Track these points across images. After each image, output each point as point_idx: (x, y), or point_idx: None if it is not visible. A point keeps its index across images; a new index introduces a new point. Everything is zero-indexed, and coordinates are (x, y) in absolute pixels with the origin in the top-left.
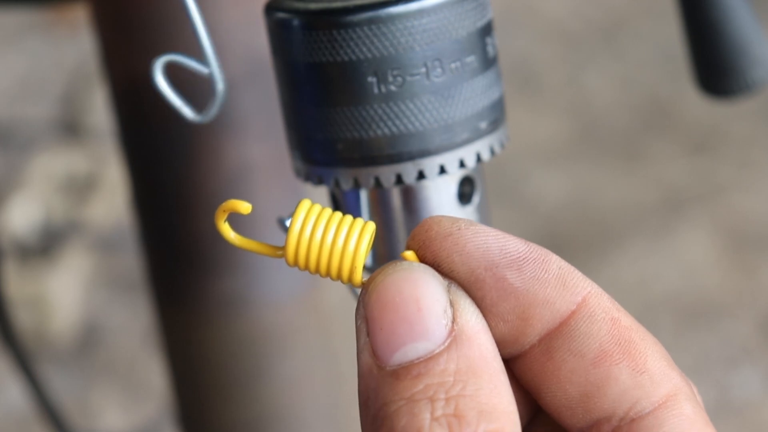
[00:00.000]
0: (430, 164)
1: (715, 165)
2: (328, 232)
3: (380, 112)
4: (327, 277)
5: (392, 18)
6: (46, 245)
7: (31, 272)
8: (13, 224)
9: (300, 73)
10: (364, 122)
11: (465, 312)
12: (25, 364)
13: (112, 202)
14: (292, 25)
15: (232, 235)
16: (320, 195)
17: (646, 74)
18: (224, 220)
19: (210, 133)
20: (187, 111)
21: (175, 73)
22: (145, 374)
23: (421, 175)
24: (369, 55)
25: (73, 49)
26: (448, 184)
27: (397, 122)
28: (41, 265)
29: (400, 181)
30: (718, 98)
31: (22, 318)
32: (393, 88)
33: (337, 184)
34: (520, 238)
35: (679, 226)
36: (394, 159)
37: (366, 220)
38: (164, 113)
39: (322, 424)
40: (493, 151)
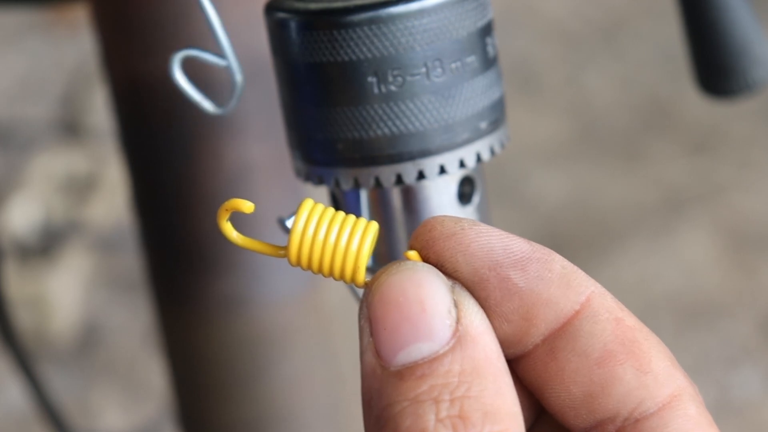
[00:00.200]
0: (431, 164)
1: (715, 165)
2: (331, 231)
3: (380, 112)
4: (329, 277)
5: (392, 18)
6: (46, 245)
7: (31, 272)
8: (13, 224)
9: (300, 73)
10: (365, 122)
11: (469, 312)
12: (25, 364)
13: (112, 202)
14: (292, 25)
15: (234, 235)
16: (320, 195)
17: (646, 74)
18: (226, 220)
19: (210, 133)
20: (207, 104)
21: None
22: (145, 374)
23: (421, 175)
24: (369, 55)
25: (73, 49)
26: (448, 184)
27: (398, 122)
28: (41, 265)
29: (400, 181)
30: (718, 98)
31: (22, 318)
32: (393, 88)
33: (338, 184)
34: (524, 238)
35: (679, 226)
36: (395, 159)
37: (369, 220)
38: (164, 113)
39: (322, 424)
40: (493, 151)
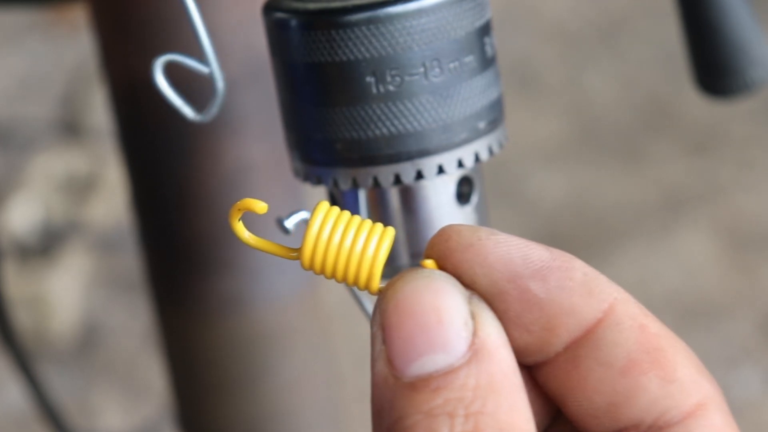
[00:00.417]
0: (429, 164)
1: (715, 165)
2: (347, 235)
3: (379, 112)
4: (342, 282)
5: (391, 18)
6: (46, 245)
7: (31, 272)
8: (13, 224)
9: (298, 73)
10: (363, 122)
11: (486, 325)
12: (25, 364)
13: (112, 202)
14: (290, 25)
15: (246, 235)
16: (320, 195)
17: (646, 74)
18: (238, 220)
19: (210, 133)
20: (187, 110)
21: (173, 73)
22: (145, 374)
23: (419, 175)
24: (367, 55)
25: (73, 49)
26: (447, 184)
27: (396, 122)
28: (41, 265)
29: (398, 181)
30: (717, 98)
31: (22, 318)
32: (391, 88)
33: (336, 184)
34: (543, 245)
35: (679, 226)
36: (393, 159)
37: (385, 226)
38: (164, 113)
39: (322, 424)
40: (491, 151)
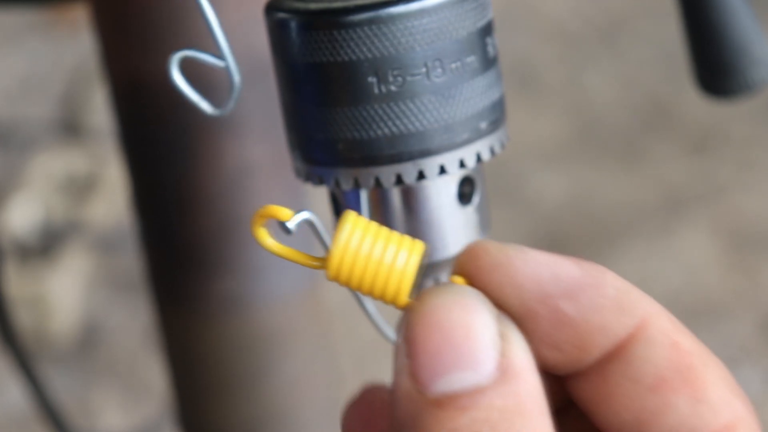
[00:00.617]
0: (431, 164)
1: (715, 165)
2: (376, 247)
3: (380, 112)
4: (368, 295)
5: (393, 18)
6: (46, 245)
7: (31, 272)
8: (13, 224)
9: (300, 74)
10: (365, 122)
11: (515, 347)
12: (25, 364)
13: (112, 202)
14: (292, 25)
15: (269, 242)
16: (320, 195)
17: (646, 74)
18: (261, 226)
19: (210, 133)
20: (205, 105)
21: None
22: (145, 374)
23: (421, 175)
24: (369, 55)
25: (73, 49)
26: (448, 184)
27: (398, 122)
28: (41, 265)
29: (400, 181)
30: (718, 98)
31: (22, 318)
32: (393, 88)
33: (338, 184)
34: (573, 260)
35: (679, 226)
36: (395, 159)
37: (415, 239)
38: (164, 113)
39: (322, 424)
40: (493, 151)
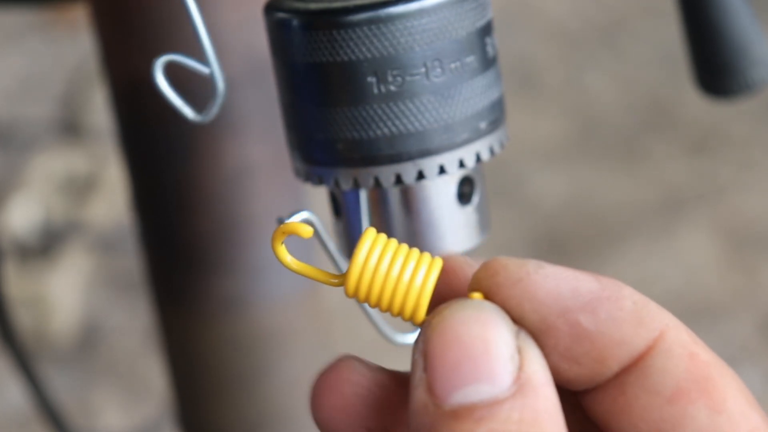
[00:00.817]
0: (430, 164)
1: (715, 165)
2: (394, 264)
3: (380, 112)
4: (386, 311)
5: (392, 18)
6: (46, 245)
7: (31, 272)
8: (13, 224)
9: (300, 74)
10: (364, 122)
11: (532, 362)
12: (25, 364)
13: (112, 202)
14: (291, 25)
15: (288, 259)
16: (320, 195)
17: (646, 74)
18: (281, 242)
19: (210, 133)
20: (187, 111)
21: (175, 73)
22: (145, 374)
23: (420, 175)
24: (369, 55)
25: (73, 48)
26: (448, 184)
27: (397, 122)
28: (41, 265)
29: (399, 181)
30: (718, 98)
31: (22, 318)
32: (393, 88)
33: (337, 184)
34: (590, 274)
35: (679, 226)
36: (394, 159)
37: (433, 256)
38: (164, 113)
39: None
40: (492, 151)
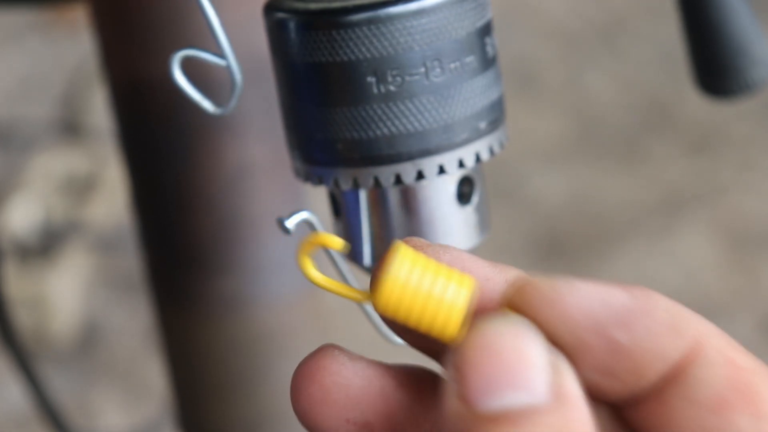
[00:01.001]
0: (430, 164)
1: (715, 165)
2: (426, 282)
3: (379, 112)
4: (415, 328)
5: (391, 18)
6: (46, 245)
7: (31, 272)
8: (13, 224)
9: (299, 74)
10: (364, 122)
11: (567, 376)
12: (25, 364)
13: (112, 202)
14: (291, 25)
15: (314, 273)
16: (320, 195)
17: (646, 74)
18: (308, 255)
19: (210, 132)
20: (207, 104)
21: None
22: (145, 374)
23: (420, 175)
24: (368, 55)
25: (73, 49)
26: (448, 184)
27: (397, 122)
28: (41, 265)
29: (399, 181)
30: (718, 98)
31: (22, 318)
32: (392, 88)
33: (337, 184)
34: (621, 286)
35: (679, 226)
36: (394, 159)
37: (466, 274)
38: (164, 113)
39: None
40: (492, 151)
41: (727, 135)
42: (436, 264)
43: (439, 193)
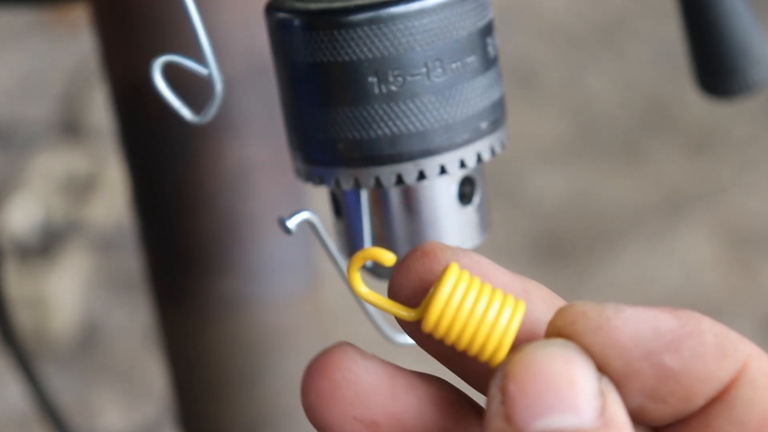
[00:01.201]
0: (431, 164)
1: (716, 165)
2: (479, 305)
3: (381, 112)
4: (463, 350)
5: (393, 18)
6: (46, 245)
7: (31, 272)
8: (13, 224)
9: (300, 74)
10: (365, 122)
11: (614, 405)
12: (25, 364)
13: (112, 202)
14: (292, 25)
15: (362, 289)
16: (320, 195)
17: (646, 74)
18: (358, 269)
19: (210, 133)
20: (185, 112)
21: (174, 74)
22: (145, 374)
23: (421, 176)
24: (370, 56)
25: (73, 49)
26: (449, 184)
27: (398, 122)
28: (41, 265)
29: (400, 181)
30: (718, 98)
31: (22, 318)
32: (394, 88)
33: (338, 184)
34: (668, 310)
35: (679, 226)
36: (395, 159)
37: (517, 299)
38: (164, 113)
39: None
40: (493, 152)
41: (727, 135)
42: (490, 288)
43: (441, 193)
